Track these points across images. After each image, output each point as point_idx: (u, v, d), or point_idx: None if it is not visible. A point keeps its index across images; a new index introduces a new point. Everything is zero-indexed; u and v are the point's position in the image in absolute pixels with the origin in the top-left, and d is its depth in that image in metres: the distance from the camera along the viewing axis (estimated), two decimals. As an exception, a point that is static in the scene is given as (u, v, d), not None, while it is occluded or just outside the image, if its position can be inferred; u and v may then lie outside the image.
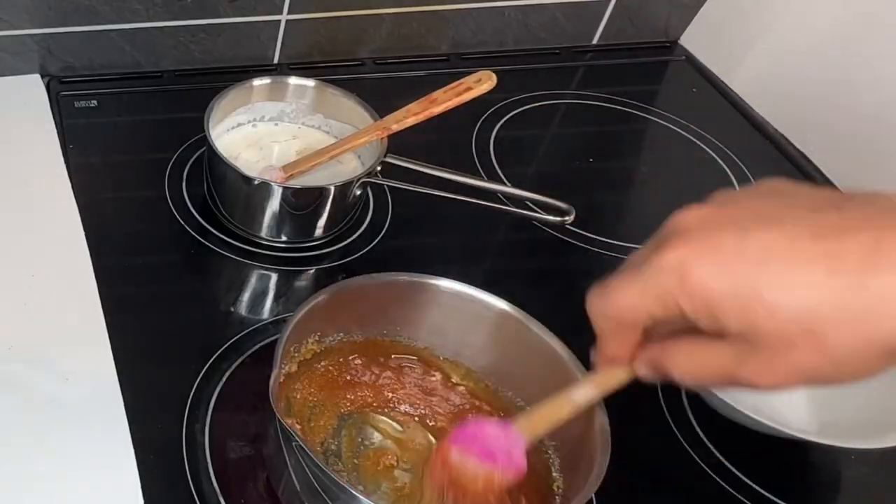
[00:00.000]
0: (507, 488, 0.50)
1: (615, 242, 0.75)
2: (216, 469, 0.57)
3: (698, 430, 0.62)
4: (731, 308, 0.34)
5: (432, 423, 0.58)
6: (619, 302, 0.39)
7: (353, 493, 0.47)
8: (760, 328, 0.34)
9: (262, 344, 0.65)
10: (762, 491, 0.59)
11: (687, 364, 0.39)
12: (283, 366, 0.54)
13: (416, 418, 0.59)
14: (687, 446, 0.61)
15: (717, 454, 0.61)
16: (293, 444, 0.49)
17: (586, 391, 0.46)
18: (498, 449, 0.47)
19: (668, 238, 0.37)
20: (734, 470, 0.60)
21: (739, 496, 0.59)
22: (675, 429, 0.62)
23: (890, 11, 0.80)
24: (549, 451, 0.55)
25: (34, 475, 0.55)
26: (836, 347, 0.33)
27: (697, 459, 0.61)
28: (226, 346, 0.64)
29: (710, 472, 0.60)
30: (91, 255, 0.68)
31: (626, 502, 0.57)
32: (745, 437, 0.59)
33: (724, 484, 0.59)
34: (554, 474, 0.54)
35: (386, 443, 0.57)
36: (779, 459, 0.61)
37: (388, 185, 0.75)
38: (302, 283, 0.71)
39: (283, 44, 0.89)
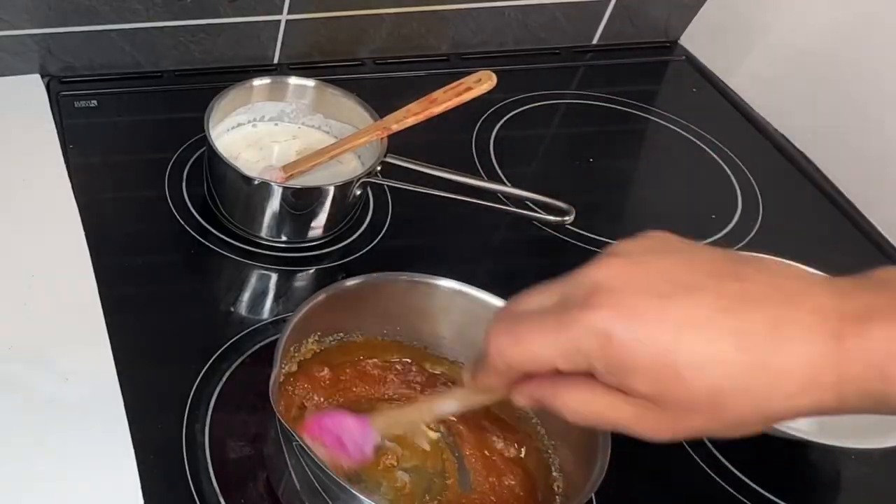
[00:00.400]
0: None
1: (615, 242, 0.75)
2: (216, 469, 0.57)
3: (698, 430, 0.62)
4: (645, 375, 0.36)
5: (432, 424, 0.58)
6: (529, 352, 0.39)
7: (354, 492, 0.47)
8: (669, 396, 0.36)
9: (262, 344, 0.65)
10: (762, 491, 0.59)
11: (580, 408, 0.39)
12: (282, 366, 0.54)
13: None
14: (687, 446, 0.61)
15: (717, 454, 0.61)
16: (294, 444, 0.49)
17: (450, 404, 0.47)
18: (349, 441, 0.49)
19: (590, 295, 0.37)
20: (734, 470, 0.60)
21: (739, 496, 0.59)
22: (675, 429, 0.62)
23: (890, 11, 0.80)
24: (549, 451, 0.55)
25: (34, 475, 0.55)
26: (732, 416, 0.36)
27: (697, 459, 0.61)
28: (226, 346, 0.64)
29: (710, 472, 0.60)
30: (91, 255, 0.68)
31: (626, 502, 0.57)
32: (745, 437, 0.59)
33: (724, 484, 0.59)
34: (554, 474, 0.55)
35: (386, 443, 0.57)
36: (779, 459, 0.61)
37: (388, 185, 0.75)
38: (302, 283, 0.71)
39: (283, 44, 0.89)
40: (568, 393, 0.39)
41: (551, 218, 0.73)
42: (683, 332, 0.35)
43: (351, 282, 0.57)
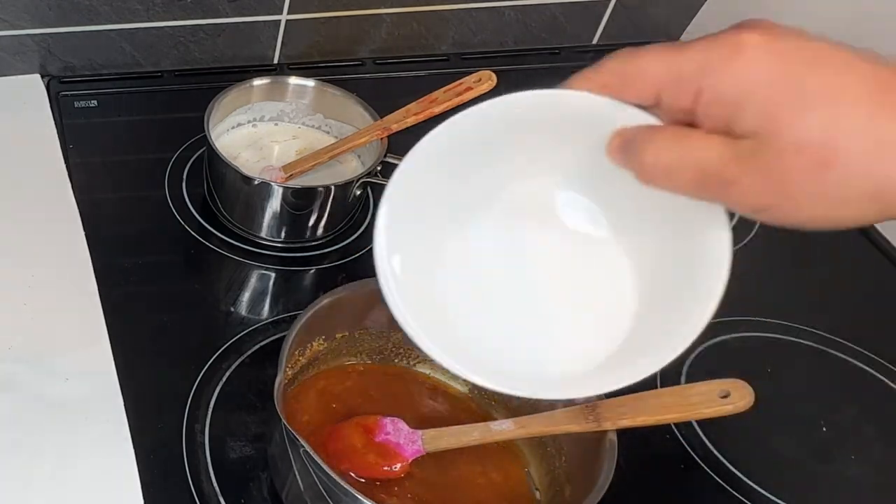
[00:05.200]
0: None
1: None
2: (216, 469, 0.57)
3: (698, 430, 0.62)
4: (759, 99, 0.33)
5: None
6: (641, 61, 0.36)
7: (360, 498, 0.47)
8: (780, 125, 0.32)
9: (262, 344, 0.65)
10: (762, 491, 0.59)
11: (667, 148, 0.35)
12: (287, 369, 0.54)
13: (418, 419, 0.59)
14: (687, 447, 0.61)
15: (718, 454, 0.61)
16: (301, 450, 0.49)
17: (505, 427, 0.49)
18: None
19: (734, 26, 0.35)
20: (734, 470, 0.60)
21: (739, 496, 0.59)
22: (675, 429, 0.62)
23: (891, 12, 0.80)
24: (556, 461, 0.56)
25: (34, 475, 0.55)
26: (837, 172, 0.32)
27: (698, 460, 0.61)
28: (226, 346, 0.64)
29: (710, 472, 0.60)
30: (91, 255, 0.68)
31: (627, 502, 0.57)
32: (745, 438, 0.59)
33: (724, 484, 0.60)
34: (562, 481, 0.55)
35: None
36: (779, 459, 0.61)
37: (388, 185, 0.75)
38: (302, 283, 0.71)
39: (283, 44, 0.89)
40: (662, 131, 0.36)
41: (551, 218, 0.73)
42: (821, 65, 0.32)
43: (354, 285, 0.57)
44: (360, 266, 0.71)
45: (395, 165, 0.44)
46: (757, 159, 0.33)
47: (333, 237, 0.73)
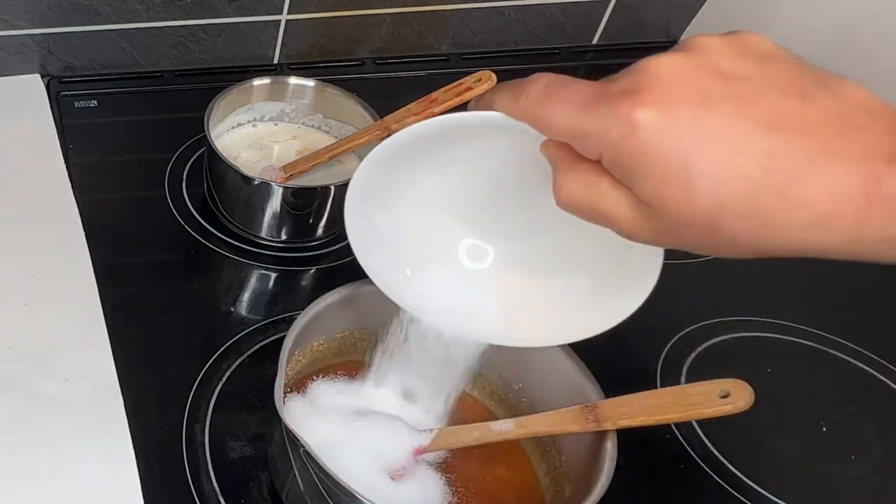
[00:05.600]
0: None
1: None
2: (216, 469, 0.57)
3: (698, 430, 0.62)
4: (655, 177, 0.34)
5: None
6: (548, 115, 0.38)
7: (361, 498, 0.47)
8: (672, 205, 0.34)
9: (262, 344, 0.65)
10: (762, 491, 0.59)
11: (578, 192, 0.38)
12: (287, 369, 0.54)
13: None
14: (687, 447, 0.61)
15: (718, 454, 0.61)
16: (301, 450, 0.49)
17: (506, 427, 0.52)
18: None
19: (638, 86, 0.35)
20: (734, 470, 0.60)
21: (739, 496, 0.59)
22: (675, 429, 0.62)
23: (891, 12, 0.80)
24: (556, 461, 0.56)
25: (34, 475, 0.55)
26: (727, 238, 0.34)
27: (698, 460, 0.61)
28: (226, 346, 0.64)
29: (710, 472, 0.60)
30: (91, 255, 0.68)
31: (627, 502, 0.57)
32: (745, 438, 0.59)
33: (724, 484, 0.60)
34: (562, 481, 0.55)
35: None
36: (779, 459, 0.61)
37: (388, 185, 0.75)
38: (302, 282, 0.71)
39: (283, 44, 0.89)
40: (578, 169, 0.37)
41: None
42: (713, 140, 0.33)
43: (354, 285, 0.57)
44: (360, 266, 0.71)
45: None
46: (652, 223, 0.36)
47: (333, 237, 0.73)
